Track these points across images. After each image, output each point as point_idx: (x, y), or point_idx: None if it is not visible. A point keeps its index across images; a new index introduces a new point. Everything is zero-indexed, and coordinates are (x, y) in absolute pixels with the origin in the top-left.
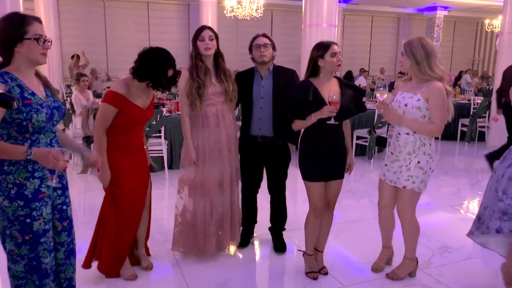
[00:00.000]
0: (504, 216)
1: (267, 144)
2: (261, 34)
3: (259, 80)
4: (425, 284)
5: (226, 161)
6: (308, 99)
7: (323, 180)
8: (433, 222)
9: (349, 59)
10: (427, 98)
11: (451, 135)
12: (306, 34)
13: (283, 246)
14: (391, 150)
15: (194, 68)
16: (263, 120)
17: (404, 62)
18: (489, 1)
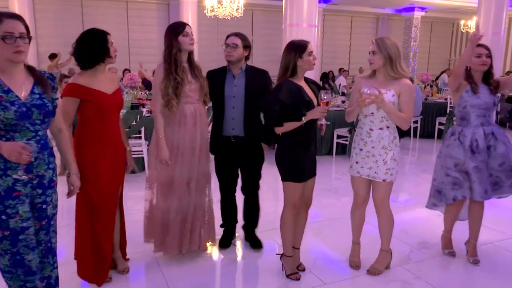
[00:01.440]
0: (455, 186)
1: (240, 144)
2: (233, 34)
3: (231, 79)
4: (404, 279)
5: (197, 161)
6: (305, 100)
7: (304, 180)
8: (411, 219)
9: (329, 59)
10: (399, 93)
11: (428, 133)
12: (287, 34)
13: (259, 242)
14: (360, 147)
15: (173, 65)
16: (236, 120)
17: (377, 60)
18: (464, 3)
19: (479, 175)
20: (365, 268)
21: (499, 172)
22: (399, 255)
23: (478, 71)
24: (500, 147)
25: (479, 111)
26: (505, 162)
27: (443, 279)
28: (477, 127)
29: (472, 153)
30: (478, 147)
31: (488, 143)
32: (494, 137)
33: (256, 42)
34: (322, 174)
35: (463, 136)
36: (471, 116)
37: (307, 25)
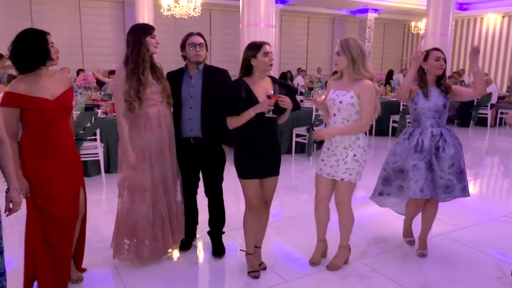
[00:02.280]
0: (385, 181)
1: (200, 146)
2: (195, 33)
3: (188, 80)
4: (362, 273)
5: (168, 162)
6: (240, 96)
7: (258, 177)
8: (368, 214)
9: (287, 59)
10: (359, 94)
11: (383, 131)
12: (245, 34)
13: (222, 250)
14: (327, 146)
15: (141, 66)
16: (194, 121)
17: (341, 61)
18: (414, 5)
19: (417, 173)
20: (325, 264)
21: (449, 175)
22: (356, 250)
23: (433, 74)
24: (450, 149)
25: (430, 113)
26: (454, 164)
27: (399, 271)
28: (426, 128)
29: (415, 152)
30: (422, 147)
31: (437, 144)
32: (443, 138)
33: (214, 42)
34: (282, 173)
35: (412, 136)
36: (422, 118)
37: (265, 25)
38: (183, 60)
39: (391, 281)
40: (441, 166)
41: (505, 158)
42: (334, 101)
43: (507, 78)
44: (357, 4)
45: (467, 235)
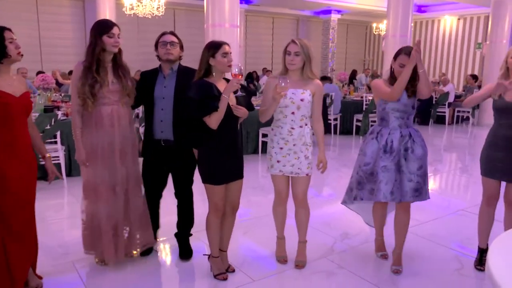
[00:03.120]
0: (359, 185)
1: (170, 149)
2: (169, 32)
3: (162, 80)
4: (329, 270)
5: (120, 164)
6: (214, 94)
7: (224, 182)
8: (334, 212)
9: (253, 59)
10: (314, 93)
11: (347, 130)
12: (209, 34)
13: (189, 252)
14: (281, 146)
15: (94, 64)
16: (165, 122)
17: (299, 62)
18: (375, 7)
19: (387, 175)
20: (292, 261)
21: (418, 177)
22: (323, 247)
23: None
24: (418, 149)
25: (398, 113)
26: (422, 166)
27: (364, 267)
28: (394, 128)
29: (384, 153)
30: (391, 148)
31: (406, 145)
32: (412, 139)
33: None
34: (249, 173)
35: (380, 136)
36: (390, 118)
37: (229, 26)
38: (158, 60)
39: (357, 276)
40: (409, 168)
41: (462, 154)
42: (292, 99)
43: (463, 77)
44: (320, 5)
45: (428, 229)
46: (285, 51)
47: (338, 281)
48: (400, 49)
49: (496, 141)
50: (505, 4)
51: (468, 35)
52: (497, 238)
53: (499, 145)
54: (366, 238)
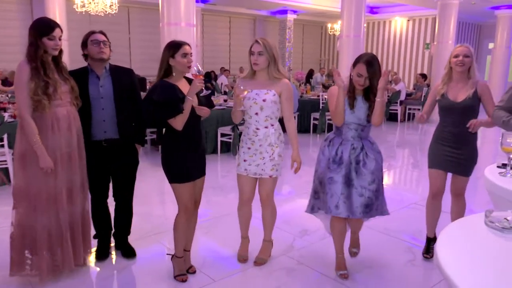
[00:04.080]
0: (315, 194)
1: (112, 148)
2: (98, 31)
3: (96, 80)
4: (288, 266)
5: (76, 167)
6: (179, 97)
7: (192, 180)
8: (293, 209)
9: (210, 59)
10: (280, 92)
11: (305, 128)
12: (165, 33)
13: (132, 251)
14: (248, 145)
15: (41, 68)
16: (107, 122)
17: (263, 61)
18: (329, 7)
19: (333, 187)
20: (252, 260)
21: (370, 192)
22: (283, 245)
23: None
24: (371, 163)
25: (352, 125)
26: (375, 181)
27: (322, 262)
28: (347, 139)
29: (333, 163)
30: (341, 159)
31: (357, 158)
32: (364, 152)
33: (133, 41)
34: (208, 173)
35: (332, 145)
36: (344, 128)
37: (185, 24)
38: (84, 59)
39: (316, 271)
40: (361, 182)
41: (414, 150)
42: (255, 100)
43: (413, 76)
44: (276, 5)
45: (382, 223)
46: (250, 51)
47: (298, 277)
48: (359, 57)
49: (442, 136)
50: (450, 7)
51: (417, 36)
52: (445, 229)
53: (445, 141)
54: (324, 234)
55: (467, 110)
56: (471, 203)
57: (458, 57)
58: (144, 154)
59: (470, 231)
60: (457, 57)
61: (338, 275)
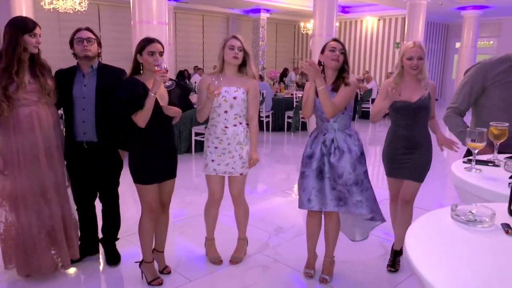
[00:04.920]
0: (299, 190)
1: (94, 151)
2: (84, 28)
3: (81, 79)
4: (264, 264)
5: (46, 169)
6: (139, 93)
7: (157, 182)
8: (268, 207)
9: (183, 57)
10: (248, 90)
11: (279, 126)
12: (137, 31)
13: (117, 258)
14: (215, 145)
15: (15, 66)
16: (87, 123)
17: (241, 57)
18: (302, 6)
19: (305, 181)
20: (227, 259)
21: (340, 186)
22: (258, 243)
23: (331, 67)
24: (342, 155)
25: (326, 115)
26: (344, 174)
27: (298, 259)
28: (321, 132)
29: (307, 158)
30: (313, 153)
31: (329, 151)
32: (337, 144)
33: (104, 39)
34: (182, 173)
35: (310, 140)
36: (318, 120)
37: (157, 23)
38: (74, 58)
39: (291, 268)
40: (333, 174)
41: None
42: (225, 97)
43: (384, 75)
44: (249, 4)
45: None
46: (226, 46)
47: (273, 274)
48: (325, 44)
49: (395, 140)
50: (418, 7)
51: (388, 35)
52: (413, 223)
53: (398, 145)
54: (299, 230)
55: (422, 110)
56: (441, 198)
57: (412, 60)
58: None
59: (437, 225)
60: (411, 60)
61: (304, 272)
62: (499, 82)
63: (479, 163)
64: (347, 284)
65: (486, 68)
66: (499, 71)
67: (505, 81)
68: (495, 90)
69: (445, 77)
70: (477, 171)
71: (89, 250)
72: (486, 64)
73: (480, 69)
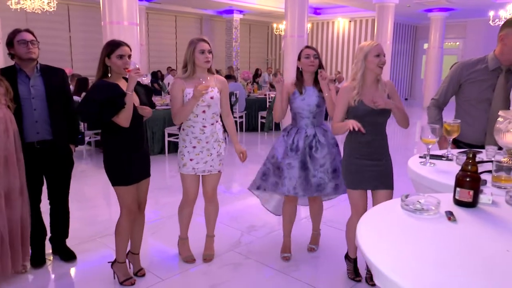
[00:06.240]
0: (263, 176)
1: (46, 150)
2: (23, 29)
3: (26, 80)
4: (236, 262)
5: (15, 171)
6: (120, 92)
7: (135, 182)
8: (242, 207)
9: (156, 58)
10: (221, 89)
11: (253, 127)
12: (107, 32)
13: (71, 254)
14: (193, 145)
15: None
16: (40, 123)
17: (211, 59)
18: (274, 8)
19: (291, 172)
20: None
21: (321, 173)
22: (230, 241)
23: (308, 72)
24: (322, 149)
25: (304, 113)
26: (325, 164)
27: (269, 255)
28: (301, 128)
29: (290, 151)
30: (297, 147)
31: (310, 144)
32: (317, 139)
33: (74, 40)
34: (156, 174)
35: (289, 135)
36: (297, 117)
37: (128, 23)
38: (11, 58)
39: (263, 265)
40: (314, 165)
41: None
42: (203, 98)
43: None
44: (222, 4)
45: (326, 215)
46: (196, 50)
47: (245, 271)
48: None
49: (358, 148)
50: (387, 9)
51: (358, 36)
52: (365, 215)
53: (362, 153)
54: (271, 228)
55: (386, 113)
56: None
57: (379, 57)
58: (88, 156)
59: (387, 214)
60: (378, 57)
61: (282, 257)
62: (472, 80)
63: (433, 158)
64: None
65: (463, 67)
66: (474, 70)
67: (478, 79)
68: (469, 87)
69: (414, 77)
70: (431, 165)
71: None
72: (465, 62)
73: (458, 66)
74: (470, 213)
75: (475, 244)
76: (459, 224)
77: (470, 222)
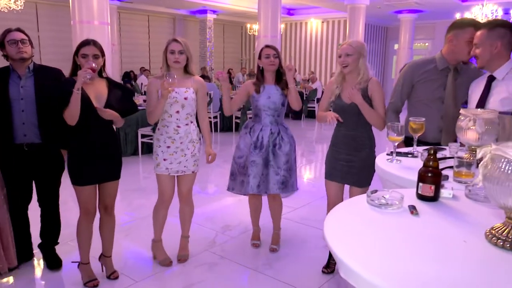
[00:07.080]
0: (232, 176)
1: (34, 153)
2: (14, 29)
3: (17, 80)
4: (211, 261)
5: None
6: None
7: (93, 183)
8: (217, 207)
9: (129, 58)
10: (197, 90)
11: (227, 127)
12: (77, 31)
13: (59, 262)
14: (168, 145)
15: None
16: (28, 125)
17: (184, 60)
18: (247, 8)
19: (255, 169)
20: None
21: (285, 171)
22: (205, 241)
23: (269, 71)
24: (285, 146)
25: (269, 111)
26: (289, 161)
27: (244, 255)
28: (266, 125)
29: (255, 148)
30: (262, 144)
31: (274, 142)
32: (280, 136)
33: (43, 39)
34: (129, 175)
35: (252, 131)
36: (262, 114)
37: (99, 23)
38: (5, 59)
39: (238, 264)
40: (277, 162)
41: None
42: (176, 98)
43: (329, 75)
44: (195, 4)
45: (300, 214)
46: (167, 50)
47: (220, 271)
48: (260, 50)
49: (337, 141)
50: (358, 10)
51: (331, 37)
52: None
53: (340, 146)
54: (245, 227)
55: (356, 109)
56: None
57: (340, 58)
58: None
59: (353, 209)
60: (340, 58)
61: (251, 244)
62: (424, 80)
63: (400, 155)
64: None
65: (414, 67)
66: (425, 70)
67: (429, 79)
68: (421, 87)
69: (386, 77)
70: (398, 162)
71: (24, 256)
72: (414, 63)
73: (409, 68)
74: (431, 207)
75: (435, 235)
76: (421, 217)
77: (431, 215)
